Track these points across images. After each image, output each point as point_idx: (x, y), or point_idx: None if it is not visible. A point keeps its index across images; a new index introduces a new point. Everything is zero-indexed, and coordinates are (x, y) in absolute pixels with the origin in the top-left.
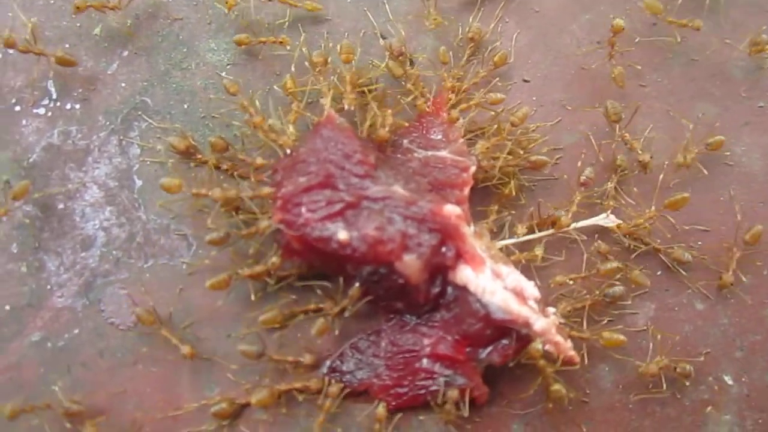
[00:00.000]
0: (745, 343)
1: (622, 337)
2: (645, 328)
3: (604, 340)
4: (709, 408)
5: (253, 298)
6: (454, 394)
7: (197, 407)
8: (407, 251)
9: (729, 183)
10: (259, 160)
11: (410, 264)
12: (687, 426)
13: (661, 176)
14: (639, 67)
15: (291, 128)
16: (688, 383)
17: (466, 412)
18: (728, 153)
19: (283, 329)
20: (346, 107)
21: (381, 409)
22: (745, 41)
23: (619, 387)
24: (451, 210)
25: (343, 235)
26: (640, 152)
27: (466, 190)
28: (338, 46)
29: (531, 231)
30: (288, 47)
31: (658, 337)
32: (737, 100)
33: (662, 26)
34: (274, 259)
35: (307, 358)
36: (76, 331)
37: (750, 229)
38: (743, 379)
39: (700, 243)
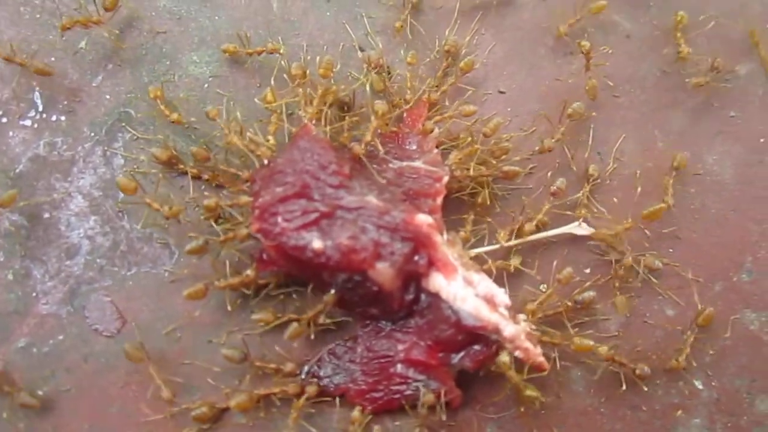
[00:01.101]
0: (715, 348)
1: (591, 343)
2: (617, 333)
3: (574, 346)
4: (679, 412)
5: (229, 308)
6: (430, 398)
7: (178, 411)
8: (380, 259)
9: (701, 192)
10: (245, 174)
11: (383, 272)
12: (657, 429)
13: (639, 188)
14: (611, 84)
15: (271, 139)
16: (646, 388)
17: (443, 416)
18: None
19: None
20: (305, 120)
21: (356, 413)
22: (708, 62)
23: (590, 391)
24: (423, 219)
25: (317, 244)
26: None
27: (439, 200)
28: (317, 60)
29: (510, 238)
30: (281, 52)
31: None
32: (709, 110)
33: (636, 38)
34: (249, 272)
35: (288, 367)
36: (61, 337)
37: (702, 313)
38: (713, 384)
39: (671, 250)
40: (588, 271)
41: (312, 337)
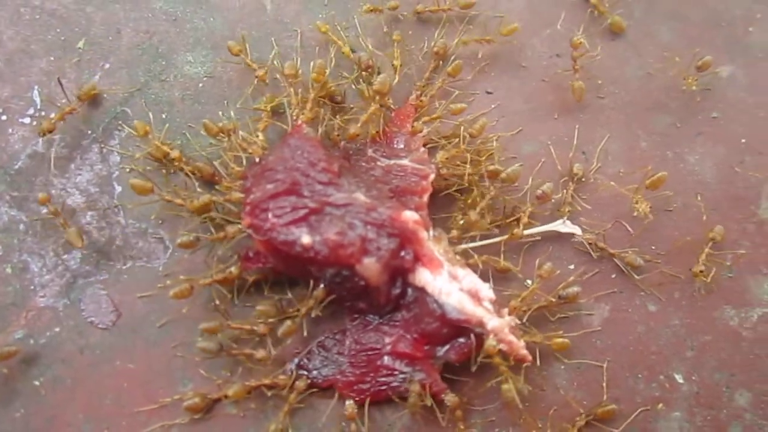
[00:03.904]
0: (695, 343)
1: (566, 341)
2: (600, 328)
3: (555, 345)
4: (660, 405)
5: (217, 302)
6: (416, 387)
7: (171, 402)
8: (367, 254)
9: (682, 191)
10: (236, 195)
11: (370, 266)
12: (638, 422)
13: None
14: (600, 82)
15: (261, 136)
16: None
17: (428, 401)
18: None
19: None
20: (300, 121)
21: (350, 408)
22: (693, 62)
23: (573, 384)
24: (410, 216)
25: (306, 239)
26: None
27: (426, 197)
28: (311, 64)
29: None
30: (266, 82)
31: None
32: (691, 112)
33: (620, 40)
34: (232, 269)
35: (259, 353)
36: (57, 329)
37: (605, 406)
38: (693, 378)
39: (653, 247)
40: (572, 267)
41: (305, 334)
